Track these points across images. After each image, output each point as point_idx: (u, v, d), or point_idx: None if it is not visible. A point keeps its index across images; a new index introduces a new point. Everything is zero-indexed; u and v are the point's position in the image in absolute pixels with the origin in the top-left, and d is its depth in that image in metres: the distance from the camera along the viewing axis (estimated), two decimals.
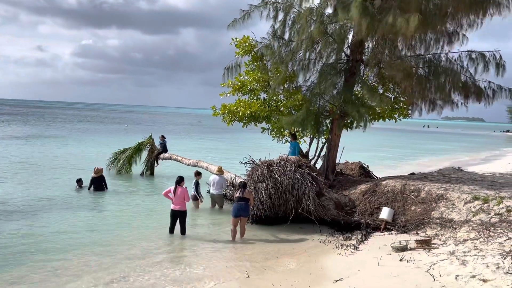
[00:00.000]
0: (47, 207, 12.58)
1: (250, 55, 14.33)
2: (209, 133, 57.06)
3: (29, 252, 8.81)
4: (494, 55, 12.50)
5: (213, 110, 15.11)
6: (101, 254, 8.89)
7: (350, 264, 8.41)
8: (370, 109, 13.65)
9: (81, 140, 35.60)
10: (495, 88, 13.43)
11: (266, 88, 14.62)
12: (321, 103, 13.51)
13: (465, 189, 10.98)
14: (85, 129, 52.47)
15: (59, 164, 20.96)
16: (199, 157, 19.55)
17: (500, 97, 13.58)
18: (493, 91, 13.43)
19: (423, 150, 41.67)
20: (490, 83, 13.42)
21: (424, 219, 10.14)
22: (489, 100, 13.46)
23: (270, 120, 14.59)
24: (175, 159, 18.38)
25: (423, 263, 7.81)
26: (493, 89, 13.43)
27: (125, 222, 11.48)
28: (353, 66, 13.52)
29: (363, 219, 10.99)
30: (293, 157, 12.49)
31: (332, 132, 14.01)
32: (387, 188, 11.53)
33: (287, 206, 11.45)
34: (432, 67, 13.01)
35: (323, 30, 12.10)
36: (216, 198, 13.38)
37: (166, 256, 9.14)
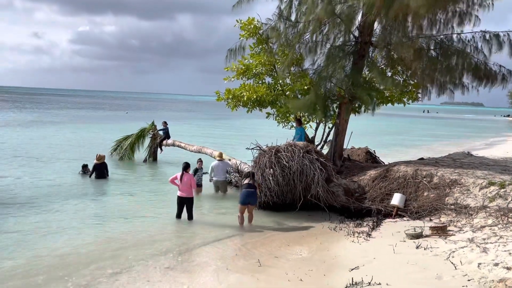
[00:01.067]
0: (50, 195, 12.28)
1: (255, 38, 13.86)
2: (208, 119, 56.67)
3: (33, 242, 8.52)
4: (508, 35, 12.05)
5: (217, 95, 14.70)
6: (107, 242, 8.63)
7: (364, 251, 8.14)
8: (379, 93, 13.27)
9: (81, 127, 35.23)
10: (505, 73, 13.03)
11: (272, 72, 14.19)
12: (328, 87, 13.09)
13: (479, 174, 10.68)
14: (85, 115, 52.03)
15: (60, 151, 20.63)
16: (201, 143, 19.22)
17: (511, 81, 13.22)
18: (502, 76, 13.04)
19: (427, 135, 41.43)
20: (501, 67, 13.04)
21: (437, 205, 9.85)
22: (503, 84, 13.09)
23: (275, 105, 14.21)
24: (178, 145, 18.07)
25: (442, 251, 7.54)
26: (503, 74, 13.04)
27: (131, 210, 11.19)
28: (361, 48, 13.09)
29: (374, 206, 10.71)
30: (301, 143, 12.16)
31: (339, 117, 13.65)
32: (398, 173, 11.23)
33: (295, 193, 11.17)
34: (444, 48, 12.59)
35: (331, 11, 11.64)
36: (219, 184, 13.12)
37: (174, 243, 8.86)
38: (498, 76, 12.98)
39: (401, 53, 12.61)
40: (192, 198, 10.09)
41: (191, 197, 10.03)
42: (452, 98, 14.09)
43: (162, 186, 14.21)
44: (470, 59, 12.47)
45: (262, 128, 40.51)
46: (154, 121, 19.63)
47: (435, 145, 31.13)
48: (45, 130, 30.96)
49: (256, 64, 13.70)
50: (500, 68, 12.99)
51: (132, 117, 52.11)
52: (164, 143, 18.99)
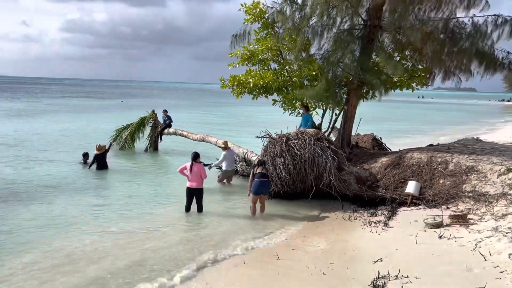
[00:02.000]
0: (51, 188, 11.79)
1: (261, 22, 13.38)
2: (205, 107, 56.13)
3: (40, 237, 8.14)
4: None
5: (221, 82, 14.26)
6: (115, 236, 8.27)
7: (385, 242, 7.89)
8: (388, 78, 12.93)
9: (76, 116, 34.58)
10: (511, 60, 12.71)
11: (278, 58, 13.76)
12: (337, 73, 12.72)
13: (495, 161, 10.44)
14: (79, 105, 51.19)
15: (55, 142, 20.03)
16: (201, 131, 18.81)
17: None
18: (509, 62, 12.72)
19: (427, 121, 41.13)
20: (509, 54, 12.72)
21: (455, 193, 9.61)
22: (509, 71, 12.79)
23: (282, 92, 13.81)
24: (181, 134, 17.64)
25: (467, 241, 7.30)
26: (509, 60, 12.71)
27: (136, 202, 10.80)
28: (370, 32, 12.69)
29: (388, 194, 10.45)
30: (311, 130, 11.83)
31: (348, 103, 13.31)
32: (412, 160, 10.96)
33: (306, 182, 10.89)
34: (454, 32, 12.22)
35: None
36: (230, 174, 12.84)
37: (185, 235, 8.55)
38: (505, 62, 12.67)
39: (411, 36, 12.24)
40: (202, 189, 9.76)
41: (201, 188, 9.69)
42: (459, 84, 13.74)
43: (166, 177, 13.86)
44: (482, 44, 12.13)
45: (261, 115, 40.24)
46: (154, 110, 19.15)
47: (438, 131, 30.95)
48: (38, 120, 30.14)
49: (262, 49, 13.23)
50: (508, 54, 12.69)
51: (127, 105, 51.46)
52: (165, 132, 18.57)
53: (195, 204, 9.86)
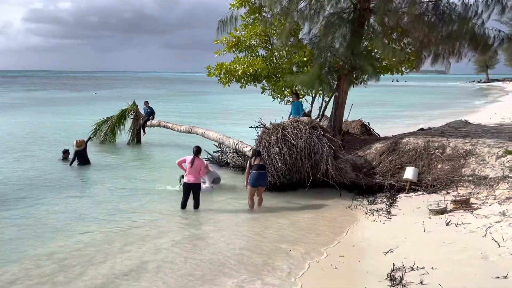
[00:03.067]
0: (30, 188, 11.02)
1: (247, 7, 12.90)
2: (183, 96, 55.13)
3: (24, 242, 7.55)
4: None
5: (208, 71, 13.74)
6: (109, 238, 7.73)
7: (392, 232, 7.72)
8: (380, 62, 12.73)
9: (49, 111, 33.15)
10: (504, 37, 12.69)
11: (266, 44, 13.33)
12: (328, 58, 12.41)
13: (490, 143, 10.41)
14: (50, 98, 49.30)
15: (31, 139, 19.07)
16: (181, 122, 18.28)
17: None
18: (500, 41, 12.70)
19: (408, 105, 41.21)
20: (500, 32, 12.69)
21: (454, 177, 9.53)
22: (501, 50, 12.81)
23: (271, 79, 13.42)
24: (165, 126, 17.06)
25: (475, 227, 7.19)
26: (502, 38, 12.69)
27: (126, 200, 10.24)
28: (361, 15, 12.40)
29: (386, 181, 10.31)
30: (305, 118, 11.53)
31: (339, 89, 13.05)
32: (408, 146, 10.82)
33: (303, 171, 10.63)
34: (445, 13, 12.07)
35: None
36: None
37: (184, 234, 8.12)
38: (496, 42, 12.64)
39: (400, 20, 12.05)
40: (200, 184, 9.32)
41: (199, 183, 9.25)
42: (448, 67, 13.65)
43: (152, 172, 13.31)
44: (472, 26, 12.02)
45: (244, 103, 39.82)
46: (135, 101, 18.46)
47: (421, 114, 31.25)
48: (6, 116, 28.41)
49: (251, 35, 12.76)
50: (499, 33, 12.65)
51: (102, 97, 49.96)
52: (148, 124, 17.94)
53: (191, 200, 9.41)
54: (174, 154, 15.42)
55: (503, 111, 27.94)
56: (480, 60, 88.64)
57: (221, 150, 13.93)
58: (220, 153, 13.90)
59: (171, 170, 12.41)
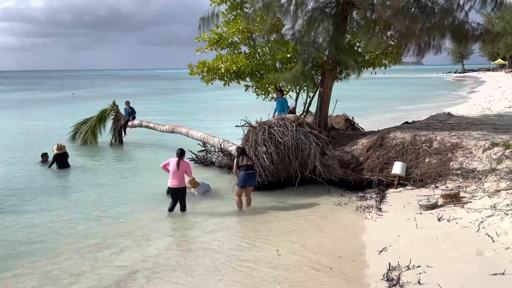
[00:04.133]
0: (8, 194, 10.60)
1: (228, 3, 12.61)
2: (163, 94, 54.37)
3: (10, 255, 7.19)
4: None
5: (190, 69, 13.41)
6: (95, 247, 7.42)
7: (384, 229, 7.64)
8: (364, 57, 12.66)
9: (25, 112, 32.14)
10: (484, 32, 12.79)
11: (249, 41, 13.09)
12: (312, 53, 12.25)
13: (476, 136, 10.46)
14: (26, 99, 47.85)
15: (7, 142, 18.41)
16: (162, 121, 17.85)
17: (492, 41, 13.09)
18: (481, 34, 12.79)
19: (388, 97, 41.07)
20: (479, 25, 12.79)
21: (442, 171, 9.53)
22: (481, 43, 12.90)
23: (254, 76, 13.19)
24: (147, 126, 16.65)
25: (468, 222, 7.17)
26: (481, 32, 12.78)
27: (111, 205, 9.89)
28: (344, 9, 12.28)
29: (375, 176, 10.24)
30: (291, 116, 11.38)
31: (323, 85, 12.92)
32: (395, 140, 10.78)
33: (290, 170, 10.48)
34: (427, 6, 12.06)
35: None
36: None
37: (173, 239, 7.89)
38: (476, 34, 12.71)
39: (384, 13, 11.97)
40: (185, 187, 9.03)
41: (184, 186, 8.97)
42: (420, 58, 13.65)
43: (136, 174, 12.89)
44: (454, 17, 12.06)
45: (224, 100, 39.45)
46: (115, 101, 17.96)
47: (404, 107, 31.46)
48: None
49: (233, 31, 12.48)
50: (478, 25, 12.74)
51: (80, 97, 48.74)
52: (129, 125, 17.50)
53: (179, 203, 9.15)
54: (157, 154, 15.13)
55: (481, 101, 28.42)
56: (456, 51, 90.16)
57: (206, 149, 13.66)
58: (204, 153, 13.64)
59: (155, 172, 12.12)
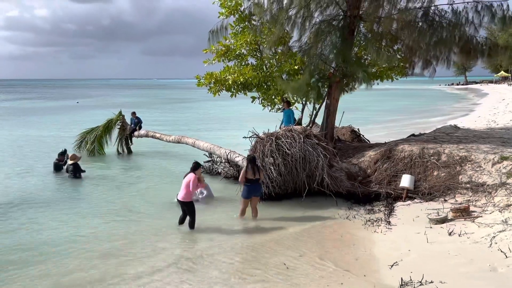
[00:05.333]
0: (20, 204, 10.54)
1: (236, 15, 12.71)
2: (167, 104, 54.58)
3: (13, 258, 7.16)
4: (501, 5, 11.70)
5: (197, 80, 13.48)
6: (103, 259, 7.38)
7: (394, 243, 7.57)
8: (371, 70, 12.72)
9: (30, 121, 32.23)
10: (491, 46, 12.80)
11: (256, 52, 13.16)
12: (319, 65, 12.30)
13: (485, 149, 10.42)
14: (31, 107, 48.11)
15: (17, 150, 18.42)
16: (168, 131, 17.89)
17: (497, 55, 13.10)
18: (489, 49, 12.80)
19: (392, 109, 40.55)
20: (488, 39, 12.83)
21: (451, 185, 9.48)
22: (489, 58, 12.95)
23: (261, 88, 13.23)
24: (153, 136, 16.68)
25: (479, 237, 7.10)
26: (489, 47, 12.78)
27: (119, 215, 9.84)
28: (351, 22, 12.35)
29: (383, 189, 10.19)
30: (299, 127, 11.37)
31: (330, 97, 12.95)
32: (403, 153, 10.75)
33: (298, 181, 10.45)
34: (434, 20, 12.13)
35: None
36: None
37: (180, 252, 7.79)
38: (484, 49, 12.73)
39: (390, 26, 12.06)
40: (190, 202, 8.76)
41: (189, 201, 8.74)
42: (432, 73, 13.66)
43: (144, 184, 12.85)
44: (462, 32, 12.08)
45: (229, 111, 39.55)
46: (121, 111, 18.02)
47: (408, 119, 31.39)
48: None
49: (241, 43, 12.55)
50: (486, 40, 12.77)
51: (84, 106, 48.94)
52: (135, 134, 17.52)
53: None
54: (166, 164, 15.13)
55: (486, 114, 28.40)
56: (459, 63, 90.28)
57: (212, 160, 13.66)
58: (211, 163, 13.63)
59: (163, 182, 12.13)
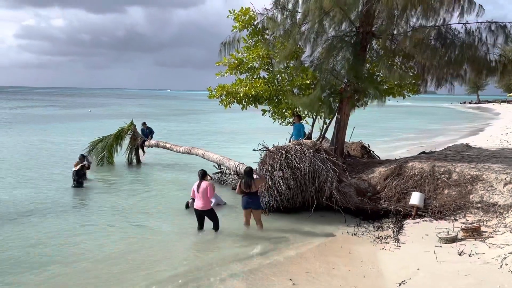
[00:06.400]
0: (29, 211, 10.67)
1: (250, 29, 12.86)
2: (178, 115, 55.00)
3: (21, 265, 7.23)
4: None
5: (209, 92, 13.61)
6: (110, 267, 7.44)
7: (403, 261, 7.48)
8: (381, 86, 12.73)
9: (43, 129, 32.72)
10: (506, 62, 12.74)
11: (268, 66, 13.27)
12: (331, 81, 12.36)
13: (497, 169, 10.30)
14: (45, 114, 48.87)
15: (25, 158, 18.68)
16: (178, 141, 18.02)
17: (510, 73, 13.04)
18: (503, 65, 12.73)
19: (403, 126, 40.50)
20: (501, 56, 12.78)
21: (462, 204, 9.37)
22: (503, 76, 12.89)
23: (272, 101, 13.31)
24: (163, 146, 16.79)
25: (490, 257, 6.98)
26: (503, 63, 12.72)
27: (128, 224, 9.91)
28: (363, 39, 12.42)
29: (392, 206, 10.11)
30: (309, 141, 11.37)
31: (341, 112, 12.97)
32: (414, 171, 10.67)
33: (306, 196, 10.42)
34: (448, 39, 12.14)
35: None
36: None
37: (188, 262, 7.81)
38: (498, 66, 12.67)
39: (405, 44, 12.08)
40: (211, 209, 9.07)
41: (210, 209, 8.99)
42: (452, 90, 13.65)
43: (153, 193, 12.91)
44: (475, 51, 12.07)
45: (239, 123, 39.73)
46: (132, 121, 18.20)
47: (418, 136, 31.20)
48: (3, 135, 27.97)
49: (253, 57, 12.68)
50: (500, 57, 12.72)
51: (97, 115, 49.56)
52: (146, 144, 17.66)
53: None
54: (176, 174, 15.23)
55: (498, 133, 28.11)
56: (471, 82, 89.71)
57: (221, 171, 13.70)
58: (220, 175, 13.67)
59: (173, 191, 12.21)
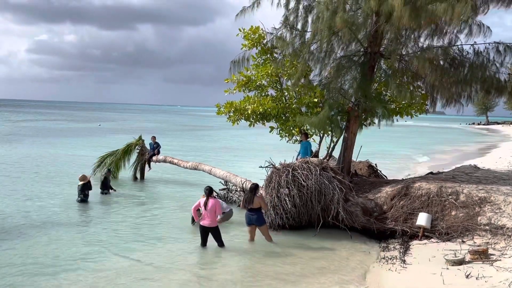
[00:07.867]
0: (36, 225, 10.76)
1: (259, 48, 13.05)
2: (186, 131, 55.33)
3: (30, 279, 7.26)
4: None
5: (217, 109, 13.74)
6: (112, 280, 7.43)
7: (409, 283, 7.39)
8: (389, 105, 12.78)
9: (53, 142, 33.05)
10: None
11: (276, 84, 13.40)
12: (339, 100, 12.45)
13: (505, 191, 10.21)
14: (56, 128, 49.48)
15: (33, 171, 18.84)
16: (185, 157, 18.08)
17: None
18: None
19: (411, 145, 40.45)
20: (510, 76, 12.79)
21: (469, 225, 9.27)
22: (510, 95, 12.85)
23: (280, 119, 13.39)
24: (171, 161, 16.86)
25: (497, 281, 6.87)
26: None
27: (132, 239, 9.94)
28: (371, 58, 12.53)
29: (399, 226, 10.02)
30: (315, 159, 11.39)
31: (348, 130, 13.00)
32: (421, 191, 10.61)
33: (312, 214, 10.39)
34: (456, 59, 12.22)
35: (347, 20, 10.98)
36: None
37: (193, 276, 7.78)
38: (507, 86, 12.68)
39: (415, 64, 12.16)
40: (217, 227, 9.07)
41: (215, 226, 9.00)
42: (460, 110, 13.64)
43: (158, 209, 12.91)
44: (483, 71, 12.12)
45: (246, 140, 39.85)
46: (141, 136, 18.35)
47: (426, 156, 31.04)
48: (8, 146, 28.19)
49: (262, 75, 12.84)
50: (509, 77, 12.73)
51: (106, 130, 50.00)
52: (154, 159, 17.75)
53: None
54: (181, 190, 15.25)
55: (507, 155, 27.83)
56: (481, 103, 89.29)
57: (228, 188, 13.72)
58: (226, 191, 13.68)
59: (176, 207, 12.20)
